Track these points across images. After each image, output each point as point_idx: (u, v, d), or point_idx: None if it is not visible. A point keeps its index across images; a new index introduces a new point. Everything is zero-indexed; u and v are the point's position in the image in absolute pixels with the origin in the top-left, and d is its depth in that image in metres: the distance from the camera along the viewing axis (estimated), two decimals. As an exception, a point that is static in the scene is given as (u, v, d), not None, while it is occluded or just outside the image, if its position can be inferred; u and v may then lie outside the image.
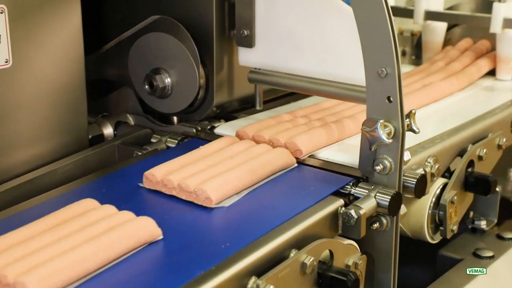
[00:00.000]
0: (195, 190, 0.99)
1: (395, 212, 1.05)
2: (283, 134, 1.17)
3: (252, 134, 1.19)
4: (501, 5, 1.60)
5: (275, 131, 1.18)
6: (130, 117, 1.41)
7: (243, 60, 1.27)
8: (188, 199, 1.01)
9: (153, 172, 1.04)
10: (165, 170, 1.05)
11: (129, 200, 1.02)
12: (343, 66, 1.15)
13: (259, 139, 1.17)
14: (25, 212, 1.00)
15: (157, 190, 1.04)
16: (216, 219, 0.98)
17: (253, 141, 1.18)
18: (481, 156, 1.30)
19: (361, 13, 1.03)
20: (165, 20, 1.30)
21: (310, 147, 1.15)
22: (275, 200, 1.05)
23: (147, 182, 1.05)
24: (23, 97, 1.16)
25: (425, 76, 1.57)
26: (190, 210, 0.99)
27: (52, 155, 1.22)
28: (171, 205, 1.00)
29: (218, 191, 1.00)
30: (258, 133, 1.18)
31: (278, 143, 1.15)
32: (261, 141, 1.17)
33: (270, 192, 1.06)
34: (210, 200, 0.99)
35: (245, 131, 1.20)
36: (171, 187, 1.02)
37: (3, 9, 1.10)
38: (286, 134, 1.17)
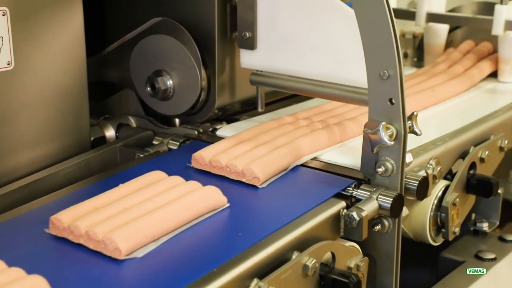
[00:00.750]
0: (103, 239, 0.87)
1: (397, 214, 1.05)
2: (241, 159, 1.09)
3: (209, 159, 1.11)
4: (503, 7, 1.60)
5: (233, 156, 1.11)
6: (132, 119, 1.41)
7: (245, 62, 1.27)
8: (96, 248, 0.88)
9: (59, 217, 0.91)
10: (74, 215, 0.92)
11: None
12: (345, 68, 1.15)
13: (216, 164, 1.10)
14: (28, 214, 1.00)
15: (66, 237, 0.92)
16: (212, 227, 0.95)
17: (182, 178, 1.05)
18: (483, 158, 1.30)
19: (363, 15, 1.03)
20: (167, 22, 1.30)
21: (268, 174, 1.08)
22: (276, 202, 1.05)
23: (53, 228, 0.92)
24: (25, 99, 1.16)
25: (427, 79, 1.57)
26: None
27: (54, 157, 1.22)
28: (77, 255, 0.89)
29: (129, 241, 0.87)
30: (214, 158, 1.11)
31: (235, 169, 1.08)
32: (218, 167, 1.10)
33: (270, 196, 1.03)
34: (119, 251, 0.86)
35: (201, 155, 1.12)
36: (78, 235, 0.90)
37: (5, 11, 1.10)
38: (244, 159, 1.09)
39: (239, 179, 1.08)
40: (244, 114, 1.40)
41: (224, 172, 1.09)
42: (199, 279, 0.82)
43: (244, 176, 1.07)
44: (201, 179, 1.05)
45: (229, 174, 1.09)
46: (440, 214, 1.21)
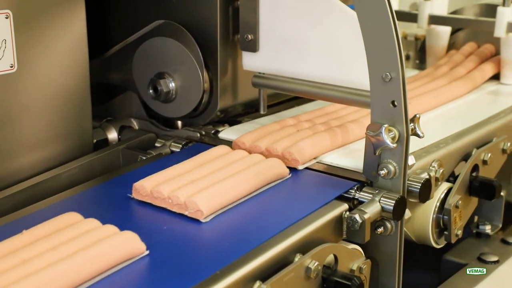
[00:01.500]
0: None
1: (399, 217, 1.05)
2: (280, 143, 1.15)
3: (249, 144, 1.17)
4: (506, 9, 1.60)
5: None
6: (134, 121, 1.41)
7: (247, 65, 1.28)
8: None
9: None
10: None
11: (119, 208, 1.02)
12: (347, 71, 1.15)
13: (255, 149, 1.16)
14: (30, 216, 1.00)
15: None
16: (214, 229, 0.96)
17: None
18: (486, 160, 1.30)
19: (365, 17, 1.03)
20: (170, 24, 1.30)
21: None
22: (279, 205, 1.05)
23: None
24: (28, 102, 1.16)
25: (429, 81, 1.57)
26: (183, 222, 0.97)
27: (57, 160, 1.22)
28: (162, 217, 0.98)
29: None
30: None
31: (275, 152, 1.14)
32: (257, 151, 1.15)
33: (272, 198, 1.05)
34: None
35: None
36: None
37: (8, 14, 1.10)
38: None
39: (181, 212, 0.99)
40: (246, 116, 1.40)
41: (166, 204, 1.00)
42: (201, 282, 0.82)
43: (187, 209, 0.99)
44: None
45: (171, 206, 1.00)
46: (443, 216, 1.21)
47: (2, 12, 1.09)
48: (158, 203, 1.00)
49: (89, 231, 0.88)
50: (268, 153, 1.14)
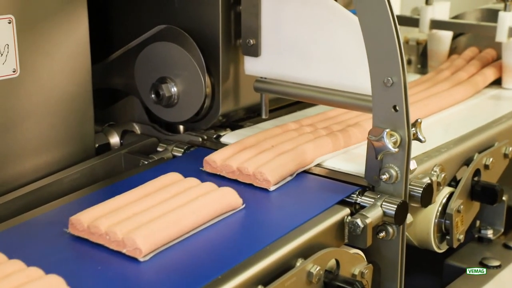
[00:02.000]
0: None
1: (401, 221, 1.05)
2: (252, 161, 1.11)
3: (220, 162, 1.13)
4: (507, 14, 1.60)
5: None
6: (136, 126, 1.41)
7: (249, 69, 1.28)
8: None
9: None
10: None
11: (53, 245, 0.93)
12: (349, 75, 1.15)
13: (226, 168, 1.12)
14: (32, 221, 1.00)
15: None
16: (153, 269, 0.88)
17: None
18: (487, 165, 1.30)
19: (367, 22, 1.03)
20: (171, 29, 1.30)
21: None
22: (281, 209, 1.05)
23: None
24: (30, 106, 1.17)
25: (431, 85, 1.57)
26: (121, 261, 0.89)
27: (59, 164, 1.22)
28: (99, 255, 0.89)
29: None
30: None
31: (246, 172, 1.09)
32: (228, 171, 1.11)
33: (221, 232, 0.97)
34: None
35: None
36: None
37: (11, 19, 1.10)
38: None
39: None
40: (248, 121, 1.40)
41: (235, 175, 1.11)
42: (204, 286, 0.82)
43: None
44: (213, 181, 1.06)
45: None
46: (445, 221, 1.21)
47: (5, 17, 1.10)
48: (95, 239, 0.91)
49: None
50: (240, 172, 1.10)
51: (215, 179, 1.10)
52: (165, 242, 0.90)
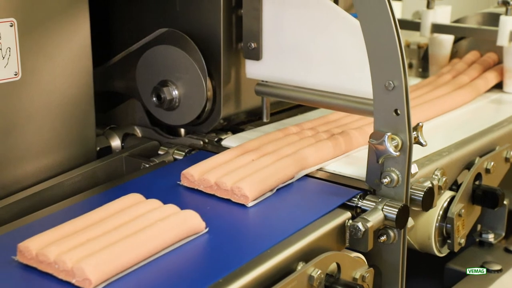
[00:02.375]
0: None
1: (402, 225, 1.05)
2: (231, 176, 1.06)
3: (197, 176, 1.09)
4: (508, 18, 1.60)
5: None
6: (137, 129, 1.41)
7: (250, 73, 1.28)
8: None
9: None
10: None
11: None
12: (350, 79, 1.15)
13: (204, 183, 1.08)
14: (33, 224, 1.00)
15: None
16: None
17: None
18: (489, 169, 1.30)
19: (368, 26, 1.04)
20: (173, 32, 1.31)
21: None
22: (282, 212, 1.05)
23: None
24: (32, 110, 1.17)
25: (432, 89, 1.57)
26: None
27: (60, 167, 1.22)
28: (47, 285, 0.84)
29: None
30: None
31: (224, 186, 1.05)
32: (206, 185, 1.07)
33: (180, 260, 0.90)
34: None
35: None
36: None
37: (13, 22, 1.11)
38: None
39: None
40: (249, 124, 1.40)
41: (213, 190, 1.06)
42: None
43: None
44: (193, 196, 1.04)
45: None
46: (446, 225, 1.21)
47: (6, 21, 1.10)
48: (44, 268, 0.85)
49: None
50: (217, 187, 1.06)
51: (194, 194, 1.07)
52: (118, 271, 0.84)
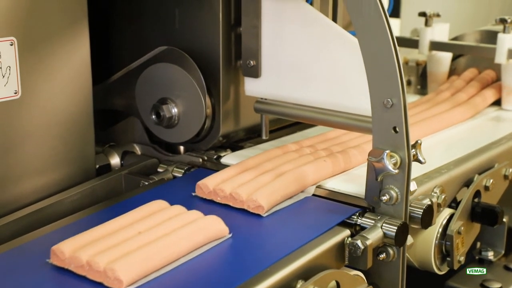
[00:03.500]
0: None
1: (401, 243, 1.05)
2: (245, 187, 1.09)
3: (213, 187, 1.11)
4: (506, 36, 1.61)
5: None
6: (137, 146, 1.41)
7: (249, 90, 1.28)
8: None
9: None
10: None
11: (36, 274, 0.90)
12: (349, 96, 1.16)
13: (219, 193, 1.11)
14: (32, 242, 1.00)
15: None
16: None
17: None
18: (488, 186, 1.30)
19: (367, 44, 1.04)
20: (172, 50, 1.31)
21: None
22: (281, 230, 1.04)
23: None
24: (31, 128, 1.17)
25: (431, 106, 1.57)
26: None
27: (59, 185, 1.22)
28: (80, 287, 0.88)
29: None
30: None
31: (239, 197, 1.08)
32: (221, 196, 1.10)
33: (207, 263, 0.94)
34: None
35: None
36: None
37: (13, 41, 1.11)
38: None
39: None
40: (249, 142, 1.40)
41: (227, 200, 1.10)
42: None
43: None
44: (205, 207, 1.05)
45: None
46: (445, 242, 1.21)
47: (7, 39, 1.10)
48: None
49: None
50: (232, 198, 1.09)
51: (208, 205, 1.09)
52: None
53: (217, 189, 1.11)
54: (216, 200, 1.11)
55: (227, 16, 1.26)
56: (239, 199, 1.08)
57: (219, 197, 1.11)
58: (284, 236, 1.02)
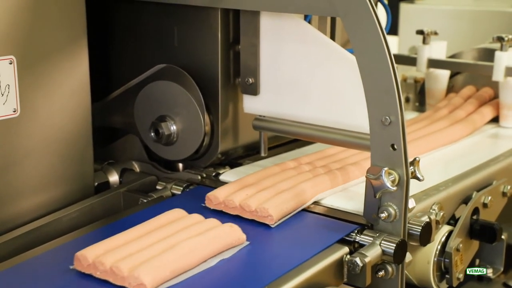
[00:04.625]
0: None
1: (400, 260, 1.05)
2: (255, 198, 1.11)
3: (223, 198, 1.13)
4: (503, 54, 1.62)
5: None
6: (135, 164, 1.42)
7: (248, 108, 1.29)
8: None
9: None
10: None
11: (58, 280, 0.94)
12: (347, 114, 1.16)
13: (229, 204, 1.12)
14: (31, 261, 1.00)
15: None
16: None
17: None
18: (486, 203, 1.30)
19: (365, 61, 1.05)
20: (171, 68, 1.32)
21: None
22: (279, 248, 1.04)
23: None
24: (30, 146, 1.17)
25: (429, 124, 1.58)
26: None
27: (58, 203, 1.22)
28: None
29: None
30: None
31: (248, 208, 1.10)
32: (231, 206, 1.12)
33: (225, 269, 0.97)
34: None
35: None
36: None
37: (12, 60, 1.12)
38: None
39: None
40: (247, 159, 1.40)
41: (237, 211, 1.11)
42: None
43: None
44: None
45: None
46: (444, 259, 1.21)
47: (6, 58, 1.11)
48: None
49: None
50: (242, 208, 1.11)
51: (217, 216, 1.10)
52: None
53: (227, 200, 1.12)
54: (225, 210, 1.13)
55: (226, 34, 1.27)
56: (248, 210, 1.10)
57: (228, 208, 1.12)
58: (283, 253, 1.02)
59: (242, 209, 1.11)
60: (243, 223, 1.09)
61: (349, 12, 1.05)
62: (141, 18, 1.37)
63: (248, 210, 1.10)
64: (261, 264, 1.00)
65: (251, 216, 1.10)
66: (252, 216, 1.10)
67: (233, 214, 1.12)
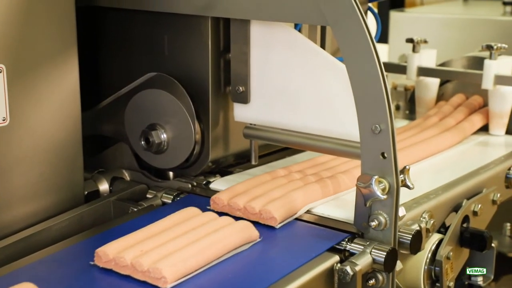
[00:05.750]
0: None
1: (391, 269, 1.05)
2: (258, 200, 1.14)
3: (227, 201, 1.16)
4: (492, 62, 1.63)
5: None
6: (126, 172, 1.41)
7: (238, 116, 1.29)
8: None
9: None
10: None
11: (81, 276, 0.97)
12: (337, 122, 1.16)
13: (233, 206, 1.15)
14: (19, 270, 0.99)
15: None
16: None
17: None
18: (476, 211, 1.30)
19: (354, 70, 1.05)
20: (161, 77, 1.32)
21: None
22: (270, 256, 1.04)
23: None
24: (20, 154, 1.17)
25: (419, 132, 1.58)
26: None
27: (48, 212, 1.22)
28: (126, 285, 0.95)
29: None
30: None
31: (252, 210, 1.12)
32: (235, 208, 1.14)
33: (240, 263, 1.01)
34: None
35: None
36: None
37: (2, 68, 1.11)
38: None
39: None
40: (238, 167, 1.40)
41: (241, 213, 1.13)
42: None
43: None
44: None
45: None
46: (434, 268, 1.21)
47: (-5, 67, 1.11)
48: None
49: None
50: (245, 210, 1.13)
51: None
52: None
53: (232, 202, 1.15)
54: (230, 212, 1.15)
55: (216, 42, 1.27)
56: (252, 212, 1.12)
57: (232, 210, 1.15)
58: (273, 262, 1.02)
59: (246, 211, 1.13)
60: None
61: (339, 21, 1.05)
62: (131, 26, 1.37)
63: (252, 212, 1.12)
64: (251, 273, 1.00)
65: (255, 218, 1.12)
66: (255, 218, 1.12)
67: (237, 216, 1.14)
